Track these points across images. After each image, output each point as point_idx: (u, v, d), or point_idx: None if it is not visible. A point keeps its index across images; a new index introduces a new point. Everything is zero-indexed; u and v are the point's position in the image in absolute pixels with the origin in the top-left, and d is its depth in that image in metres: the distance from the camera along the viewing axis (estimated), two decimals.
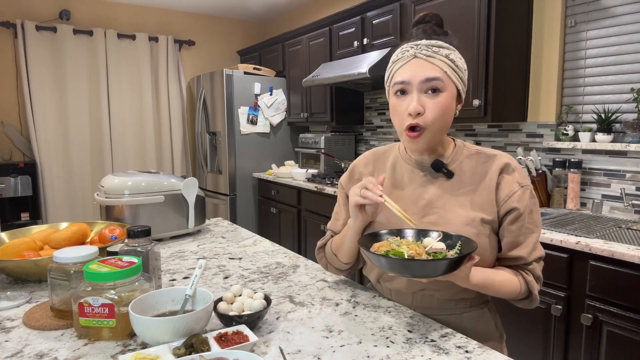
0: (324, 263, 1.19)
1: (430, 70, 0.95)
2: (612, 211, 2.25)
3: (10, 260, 1.13)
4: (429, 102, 0.95)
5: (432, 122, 0.95)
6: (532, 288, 0.98)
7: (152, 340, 0.83)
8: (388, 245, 0.89)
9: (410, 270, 0.84)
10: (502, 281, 0.96)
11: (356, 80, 3.11)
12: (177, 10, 4.82)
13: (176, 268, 1.37)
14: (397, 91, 0.98)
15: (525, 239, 0.98)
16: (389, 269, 0.85)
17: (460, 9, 2.47)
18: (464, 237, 0.91)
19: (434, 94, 0.95)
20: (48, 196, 4.13)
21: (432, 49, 0.96)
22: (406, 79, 0.96)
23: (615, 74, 2.25)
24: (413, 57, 0.96)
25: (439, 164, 1.02)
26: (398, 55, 1.00)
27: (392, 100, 1.00)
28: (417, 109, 0.94)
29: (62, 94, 4.18)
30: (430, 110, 0.95)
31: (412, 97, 0.95)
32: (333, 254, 1.14)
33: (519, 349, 1.96)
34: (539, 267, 1.01)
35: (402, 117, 0.97)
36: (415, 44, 0.98)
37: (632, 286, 1.58)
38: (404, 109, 0.96)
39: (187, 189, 1.71)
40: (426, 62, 0.95)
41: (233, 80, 4.08)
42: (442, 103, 0.95)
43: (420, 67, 0.95)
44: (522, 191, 0.98)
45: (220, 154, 4.27)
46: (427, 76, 0.94)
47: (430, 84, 0.95)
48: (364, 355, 0.83)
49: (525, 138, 2.62)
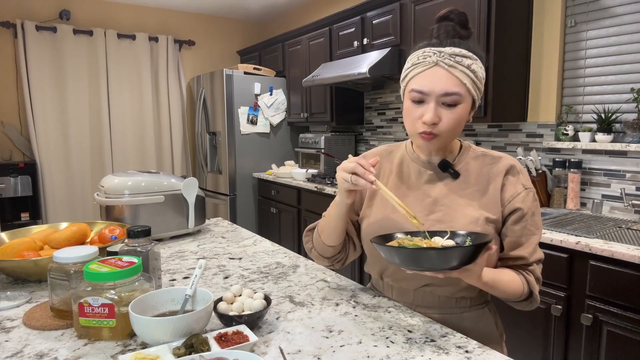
0: (309, 247, 1.16)
1: (451, 83, 0.93)
2: (612, 211, 2.25)
3: (10, 260, 1.13)
4: (445, 113, 0.94)
5: (445, 130, 0.95)
6: (533, 288, 0.99)
7: (152, 340, 0.83)
8: (400, 243, 0.89)
9: (428, 261, 0.81)
10: (508, 281, 0.96)
11: (356, 80, 3.11)
12: (177, 10, 4.82)
13: (176, 268, 1.37)
14: (414, 98, 0.96)
15: (527, 240, 0.99)
16: (405, 262, 0.83)
17: (460, 8, 2.46)
18: (474, 234, 0.90)
19: (450, 107, 0.94)
20: (48, 196, 4.13)
21: (455, 58, 0.93)
22: (425, 89, 0.94)
23: (615, 74, 2.25)
24: (434, 65, 0.94)
25: (446, 164, 1.02)
26: (419, 59, 0.97)
27: (407, 105, 0.99)
28: (433, 119, 0.93)
29: (62, 94, 4.18)
30: (445, 121, 0.94)
31: (429, 107, 0.94)
32: (318, 235, 1.11)
33: (519, 349, 1.96)
34: (539, 269, 1.01)
35: (416, 123, 0.97)
36: (439, 51, 0.94)
37: (632, 286, 1.58)
38: (418, 116, 0.96)
39: (187, 189, 1.71)
40: (447, 73, 0.93)
41: (233, 80, 4.08)
42: (459, 114, 0.95)
43: (441, 79, 0.93)
44: (526, 193, 0.99)
45: (220, 154, 4.27)
46: (447, 90, 0.93)
47: (449, 99, 0.93)
48: (364, 355, 0.83)
49: (525, 138, 2.62)
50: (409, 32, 2.84)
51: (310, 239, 1.17)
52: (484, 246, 0.82)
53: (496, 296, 0.99)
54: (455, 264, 0.81)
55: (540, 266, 1.02)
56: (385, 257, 0.87)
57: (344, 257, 1.15)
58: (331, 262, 1.15)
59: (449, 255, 0.81)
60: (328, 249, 1.10)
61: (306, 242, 1.18)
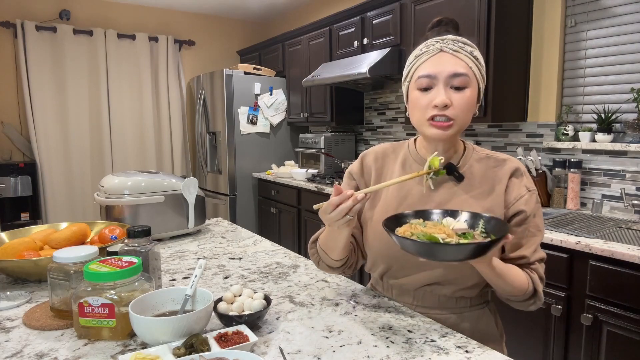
0: (316, 259, 1.12)
1: (458, 65, 0.93)
2: (612, 211, 2.25)
3: (10, 260, 1.13)
4: (455, 96, 0.93)
5: (459, 114, 0.93)
6: (537, 286, 0.98)
7: (152, 340, 0.82)
8: (412, 228, 0.87)
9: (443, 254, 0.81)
10: (515, 274, 0.95)
11: (356, 80, 3.11)
12: (177, 10, 4.82)
13: (176, 268, 1.37)
14: (421, 86, 0.95)
15: (528, 242, 0.99)
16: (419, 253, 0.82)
17: (460, 9, 2.47)
18: (486, 216, 0.90)
19: (459, 90, 0.94)
20: (48, 196, 4.13)
21: (458, 44, 0.95)
22: (432, 72, 0.94)
23: (615, 74, 2.25)
24: (439, 51, 0.95)
25: (452, 167, 1.01)
26: (422, 50, 0.98)
27: (415, 95, 0.97)
28: (444, 101, 0.92)
29: (62, 94, 4.18)
30: (457, 103, 0.93)
31: (439, 90, 0.93)
32: (323, 251, 1.08)
33: (519, 349, 1.96)
34: (542, 269, 1.01)
35: (425, 110, 0.95)
36: (441, 39, 0.96)
37: (632, 286, 1.58)
38: (428, 102, 0.94)
39: (187, 189, 1.71)
40: (453, 57, 0.94)
41: (233, 80, 4.08)
42: (469, 98, 0.94)
43: (448, 61, 0.93)
44: (530, 195, 1.00)
45: (220, 154, 4.27)
46: (455, 71, 0.93)
47: (457, 80, 0.93)
48: (364, 355, 0.83)
49: (525, 138, 2.62)
50: (409, 32, 2.84)
51: (315, 252, 1.12)
52: (501, 240, 0.81)
53: (501, 290, 0.97)
54: (471, 257, 0.81)
55: (542, 266, 1.01)
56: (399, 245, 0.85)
57: (354, 261, 1.13)
58: (342, 270, 1.12)
59: (465, 249, 0.80)
60: (336, 262, 1.08)
61: (312, 255, 1.14)
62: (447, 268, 0.99)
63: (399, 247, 0.85)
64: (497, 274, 0.92)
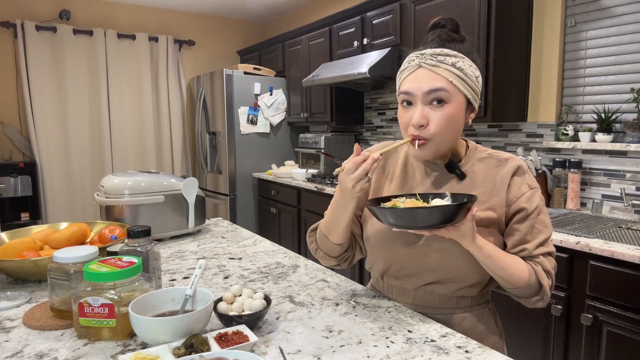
0: (314, 247, 1.13)
1: (435, 80, 0.93)
2: (612, 211, 2.25)
3: (10, 260, 1.13)
4: (433, 114, 0.94)
5: (435, 133, 0.94)
6: (541, 279, 0.96)
7: (152, 340, 0.83)
8: (393, 204, 0.92)
9: (417, 218, 0.86)
10: (511, 261, 0.95)
11: (356, 80, 3.11)
12: (177, 10, 4.82)
13: (176, 268, 1.37)
14: (403, 101, 0.98)
15: (533, 239, 0.98)
16: (397, 221, 0.88)
17: (460, 9, 2.47)
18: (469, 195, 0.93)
19: (439, 105, 0.94)
20: (48, 196, 4.13)
21: (437, 58, 0.94)
22: (410, 89, 0.95)
23: (615, 74, 2.25)
24: (418, 67, 0.95)
25: (453, 165, 1.02)
26: (405, 65, 0.99)
27: (399, 110, 1.00)
28: (419, 121, 0.93)
29: (62, 93, 4.18)
30: (434, 122, 0.94)
31: (416, 108, 0.95)
32: (324, 235, 1.08)
33: (519, 349, 1.96)
34: (548, 262, 0.99)
35: (406, 129, 0.97)
36: (421, 53, 0.96)
37: (632, 286, 1.58)
38: (408, 120, 0.96)
39: (187, 189, 1.71)
40: (430, 72, 0.94)
41: (233, 80, 4.08)
42: (448, 114, 0.94)
43: (424, 78, 0.94)
44: (532, 193, 0.99)
45: (220, 154, 4.27)
46: (430, 87, 0.93)
47: (434, 95, 0.93)
48: (364, 355, 0.83)
49: (525, 138, 2.62)
50: (409, 32, 2.84)
51: (314, 239, 1.14)
52: (464, 206, 0.85)
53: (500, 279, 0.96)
54: (443, 221, 0.86)
55: (549, 259, 0.99)
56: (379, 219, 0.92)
57: (351, 255, 1.14)
58: (338, 261, 1.12)
59: (434, 211, 0.85)
60: (335, 247, 1.08)
61: (310, 243, 1.15)
62: (447, 266, 0.98)
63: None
64: (487, 255, 0.92)
